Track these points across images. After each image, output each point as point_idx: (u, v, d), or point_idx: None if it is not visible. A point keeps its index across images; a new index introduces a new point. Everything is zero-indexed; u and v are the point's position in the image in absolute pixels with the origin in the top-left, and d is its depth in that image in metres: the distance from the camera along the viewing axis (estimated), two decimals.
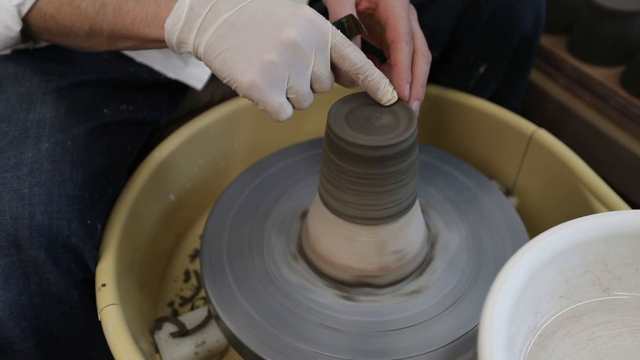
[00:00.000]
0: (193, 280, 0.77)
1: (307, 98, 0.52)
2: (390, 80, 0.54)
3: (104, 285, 0.58)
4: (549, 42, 1.12)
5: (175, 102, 0.81)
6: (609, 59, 1.05)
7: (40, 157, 0.55)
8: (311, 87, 0.51)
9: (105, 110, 0.67)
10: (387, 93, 0.53)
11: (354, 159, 0.53)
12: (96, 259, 0.61)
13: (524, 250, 0.47)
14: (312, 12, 0.49)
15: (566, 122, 1.07)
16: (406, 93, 0.55)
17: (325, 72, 0.51)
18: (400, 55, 0.55)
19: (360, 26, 0.53)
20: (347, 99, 0.56)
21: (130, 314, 0.60)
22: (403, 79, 0.55)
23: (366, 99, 0.55)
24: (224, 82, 0.50)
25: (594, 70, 1.04)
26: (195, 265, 0.79)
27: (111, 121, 0.66)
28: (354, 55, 0.50)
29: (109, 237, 0.63)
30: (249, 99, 0.50)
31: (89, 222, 0.59)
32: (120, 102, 0.70)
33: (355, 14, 0.55)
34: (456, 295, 0.59)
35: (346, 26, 0.53)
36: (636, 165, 0.97)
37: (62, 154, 0.57)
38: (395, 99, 0.54)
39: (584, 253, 0.50)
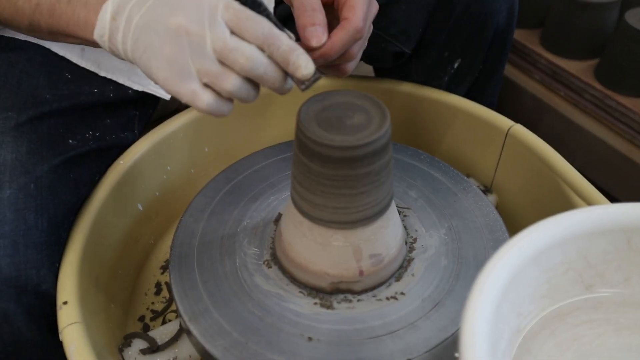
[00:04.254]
0: (165, 293, 0.74)
1: (223, 77, 0.46)
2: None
3: (65, 303, 0.55)
4: (523, 37, 1.11)
5: (147, 117, 0.78)
6: (583, 52, 1.04)
7: (1, 206, 0.53)
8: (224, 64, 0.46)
9: (70, 141, 0.63)
10: (299, 67, 0.46)
11: (323, 160, 0.50)
12: None
13: (504, 251, 0.45)
14: None
15: (541, 117, 1.07)
16: (323, 37, 0.49)
17: (226, 45, 0.45)
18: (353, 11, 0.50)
19: None
20: (318, 98, 0.54)
21: (95, 332, 0.57)
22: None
23: (337, 98, 0.53)
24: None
25: (568, 64, 1.04)
26: (167, 277, 0.76)
27: (77, 154, 0.63)
28: (252, 28, 0.45)
29: (70, 252, 0.59)
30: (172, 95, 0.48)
31: (57, 265, 0.57)
32: (87, 129, 0.66)
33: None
34: (435, 299, 0.57)
35: None
36: (612, 158, 0.97)
37: (25, 200, 0.55)
38: (312, 73, 0.47)
39: (565, 250, 0.48)
